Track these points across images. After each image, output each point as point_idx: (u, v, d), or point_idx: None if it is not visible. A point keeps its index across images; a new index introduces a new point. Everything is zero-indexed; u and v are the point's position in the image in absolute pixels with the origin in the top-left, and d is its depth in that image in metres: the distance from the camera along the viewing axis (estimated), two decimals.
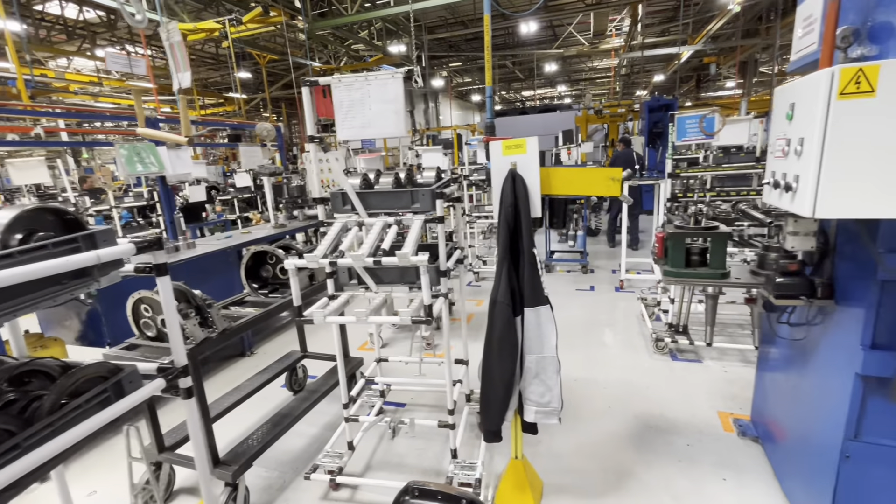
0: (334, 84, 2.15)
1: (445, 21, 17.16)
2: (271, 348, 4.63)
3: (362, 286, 2.43)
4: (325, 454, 2.64)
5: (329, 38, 15.10)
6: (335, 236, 2.18)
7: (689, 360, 3.82)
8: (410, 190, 2.27)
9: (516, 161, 2.02)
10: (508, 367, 2.08)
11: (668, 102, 9.80)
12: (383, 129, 2.16)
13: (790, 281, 1.93)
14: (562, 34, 17.45)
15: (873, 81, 1.31)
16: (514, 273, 2.05)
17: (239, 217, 7.94)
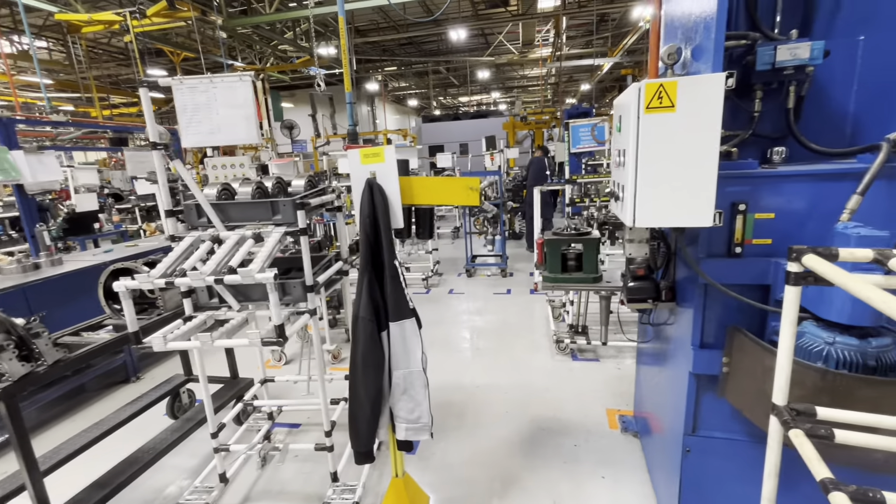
0: (175, 86, 1.96)
1: (378, 25, 16.99)
2: (161, 372, 4.24)
3: (225, 305, 2.24)
4: (193, 490, 2.42)
5: (254, 38, 14.41)
6: (182, 253, 1.99)
7: (588, 360, 3.96)
8: (270, 201, 2.13)
9: (375, 170, 1.95)
10: (374, 384, 2.00)
11: (586, 111, 10.31)
12: (233, 136, 2.01)
13: (640, 285, 2.01)
14: (493, 42, 17.87)
15: (673, 97, 1.37)
16: (376, 286, 1.98)
17: (140, 228, 7.28)
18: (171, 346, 1.85)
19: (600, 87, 22.58)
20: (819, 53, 1.68)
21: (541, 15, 13.96)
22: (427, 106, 30.83)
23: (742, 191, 1.59)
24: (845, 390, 1.29)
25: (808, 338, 1.41)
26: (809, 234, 1.58)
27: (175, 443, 2.66)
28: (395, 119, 26.45)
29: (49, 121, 5.34)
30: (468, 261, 6.78)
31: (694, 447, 1.85)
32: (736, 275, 1.64)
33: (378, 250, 1.96)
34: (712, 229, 1.58)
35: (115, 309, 2.81)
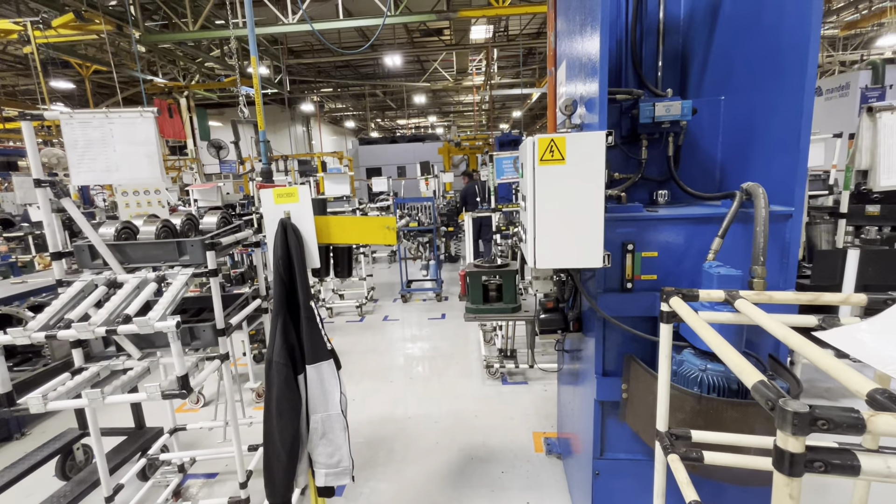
0: (65, 121, 1.82)
1: (312, 47, 16.87)
2: (53, 426, 3.75)
3: (123, 354, 2.06)
4: None
5: (178, 54, 13.68)
6: (70, 300, 1.82)
7: (517, 383, 4.08)
8: (176, 241, 2.02)
9: (290, 210, 1.92)
10: (291, 430, 1.92)
11: (515, 138, 10.85)
12: (133, 174, 1.89)
13: (550, 317, 2.13)
14: (429, 68, 18.38)
15: (563, 150, 1.51)
16: (291, 328, 1.92)
17: (34, 258, 6.49)
18: (52, 406, 1.67)
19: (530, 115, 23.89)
20: (688, 111, 1.93)
21: (472, 46, 14.63)
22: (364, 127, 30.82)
23: (630, 232, 1.76)
24: (715, 413, 1.45)
25: (687, 365, 1.58)
26: (687, 270, 1.78)
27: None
28: (332, 140, 26.12)
29: None
30: (403, 286, 6.77)
31: (603, 470, 1.96)
32: (629, 308, 1.80)
33: (293, 291, 1.92)
34: (607, 267, 1.74)
35: None
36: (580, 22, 1.97)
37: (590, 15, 1.79)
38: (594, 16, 1.70)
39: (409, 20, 9.76)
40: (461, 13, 9.47)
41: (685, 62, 2.31)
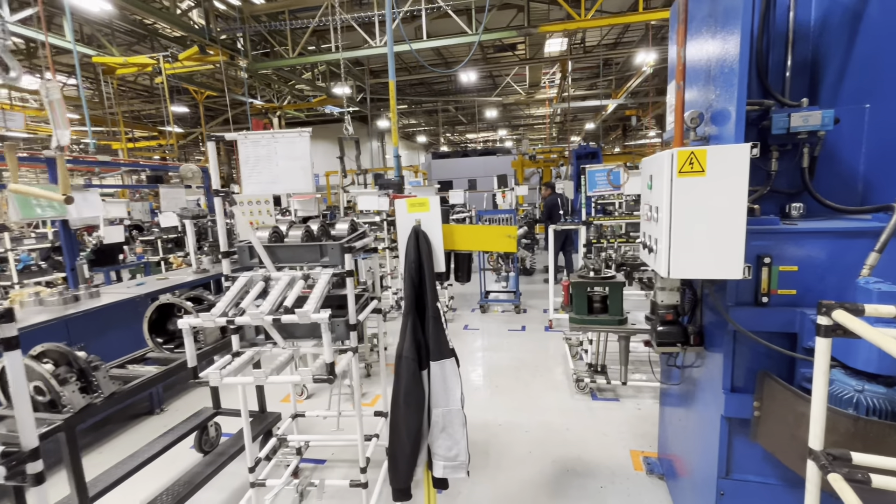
0: (240, 140, 2.16)
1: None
2: (184, 404, 4.30)
3: (270, 341, 2.36)
4: None
5: (273, 78, 15.12)
6: (237, 292, 2.13)
7: (608, 399, 3.99)
8: (319, 244, 2.28)
9: (420, 218, 2.11)
10: (415, 422, 2.08)
11: (593, 150, 10.66)
12: (291, 185, 2.19)
13: (668, 329, 2.12)
14: (501, 83, 18.63)
15: (703, 163, 1.54)
16: (419, 327, 2.09)
17: (162, 259, 7.47)
18: (226, 381, 1.96)
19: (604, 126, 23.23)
20: (829, 121, 1.86)
21: (548, 59, 14.63)
22: (435, 142, 31.72)
23: (767, 245, 1.72)
24: (877, 436, 1.38)
25: (838, 385, 1.51)
26: (832, 286, 1.70)
27: (209, 477, 2.71)
28: (404, 154, 27.17)
29: (96, 161, 5.65)
30: (482, 296, 6.87)
31: (728, 490, 1.90)
32: (763, 323, 1.75)
33: (422, 293, 2.09)
34: (740, 279, 1.71)
35: (156, 342, 2.93)
36: (709, 33, 1.98)
37: (724, 26, 1.80)
38: (730, 27, 1.72)
39: (490, 38, 10.02)
40: (541, 28, 9.57)
41: (815, 70, 2.21)
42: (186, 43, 11.28)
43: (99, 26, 10.91)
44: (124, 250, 7.10)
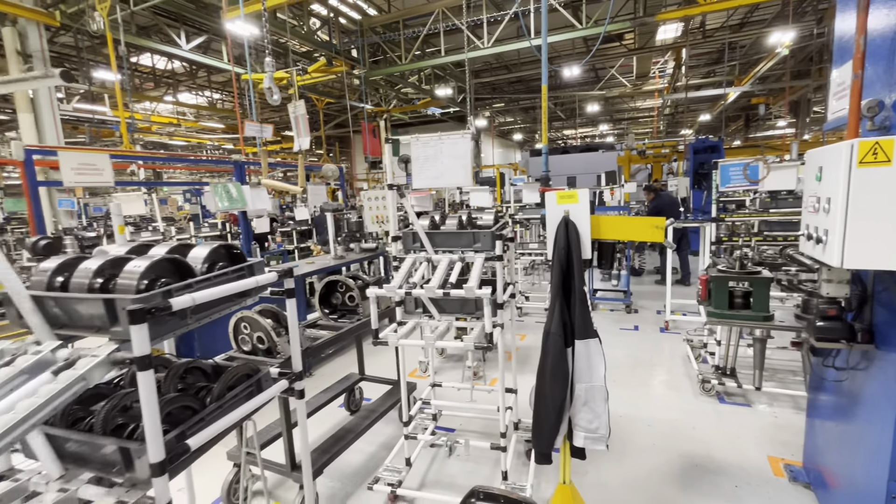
0: (413, 142, 2.55)
1: (490, 66, 18.04)
2: (327, 371, 4.99)
3: (426, 314, 2.74)
4: (386, 468, 2.89)
5: (381, 83, 16.29)
6: (408, 270, 2.53)
7: (738, 404, 3.81)
8: (473, 231, 2.60)
9: (569, 209, 2.31)
10: (560, 394, 2.29)
11: (713, 144, 9.86)
12: (453, 180, 2.53)
13: (830, 325, 2.06)
14: (604, 76, 17.91)
15: (889, 153, 1.52)
16: (565, 308, 2.30)
17: (296, 248, 8.59)
18: (402, 343, 2.36)
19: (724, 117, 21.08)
20: None
21: (660, 48, 13.76)
22: (531, 139, 31.40)
23: None
24: None
25: None
26: None
27: (366, 428, 3.20)
28: (499, 152, 27.37)
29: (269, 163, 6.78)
30: (590, 294, 6.83)
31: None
32: None
33: (569, 277, 2.29)
34: None
35: (324, 312, 3.51)
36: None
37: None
38: None
39: (598, 31, 9.78)
40: (659, 16, 9.09)
41: None
42: (313, 57, 12.69)
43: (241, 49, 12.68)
44: (269, 239, 8.32)
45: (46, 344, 1.21)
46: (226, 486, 2.72)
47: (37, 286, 1.32)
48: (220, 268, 1.47)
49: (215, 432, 1.34)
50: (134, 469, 1.21)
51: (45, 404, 1.00)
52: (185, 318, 1.27)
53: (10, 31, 8.15)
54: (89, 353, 1.16)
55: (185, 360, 1.60)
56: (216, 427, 1.35)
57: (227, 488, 2.73)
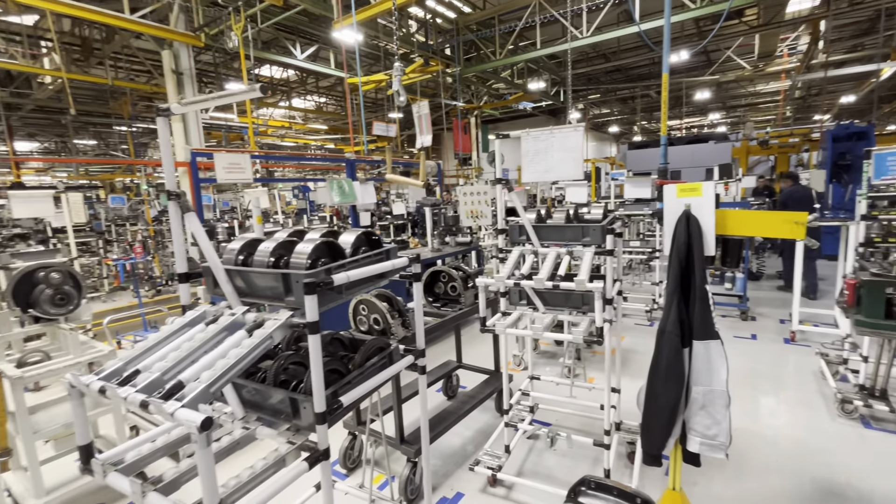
0: (524, 136, 2.61)
1: (586, 55, 17.30)
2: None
3: (530, 307, 2.78)
4: (485, 452, 3.01)
5: (472, 80, 16.47)
6: (515, 262, 2.59)
7: (889, 431, 3.29)
8: (582, 225, 2.58)
9: (690, 203, 2.19)
10: (673, 395, 2.20)
11: (860, 130, 8.44)
12: (564, 173, 2.53)
13: None
14: (717, 59, 16.19)
15: None
16: (683, 306, 2.19)
17: (392, 241, 9.12)
18: (509, 332, 2.44)
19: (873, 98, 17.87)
20: None
21: (791, 22, 12.08)
22: (628, 131, 29.53)
23: None
24: None
25: None
26: None
27: (465, 413, 3.35)
28: (594, 146, 26.14)
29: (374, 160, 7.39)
30: None
31: None
32: None
33: (688, 274, 2.18)
34: None
35: (428, 300, 3.72)
36: None
37: None
38: None
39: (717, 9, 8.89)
40: None
41: None
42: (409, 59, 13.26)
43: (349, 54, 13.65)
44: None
45: (237, 308, 1.49)
46: (342, 451, 3.05)
47: (227, 262, 1.63)
48: (362, 251, 1.68)
49: (359, 394, 1.54)
50: (300, 417, 1.45)
51: (248, 354, 1.24)
52: (340, 293, 1.48)
53: (168, 54, 9.72)
54: (271, 317, 1.41)
55: (329, 332, 1.85)
56: (360, 390, 1.55)
57: (343, 453, 3.06)
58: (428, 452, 2.07)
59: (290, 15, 9.98)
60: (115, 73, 12.33)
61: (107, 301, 9.01)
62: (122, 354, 1.37)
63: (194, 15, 9.36)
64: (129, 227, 11.02)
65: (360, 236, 1.69)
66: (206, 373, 1.18)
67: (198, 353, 1.34)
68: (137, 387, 1.19)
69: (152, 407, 1.09)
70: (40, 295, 2.94)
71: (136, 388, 1.19)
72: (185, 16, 9.41)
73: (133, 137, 18.16)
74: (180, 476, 1.31)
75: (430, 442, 3.00)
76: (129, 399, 1.15)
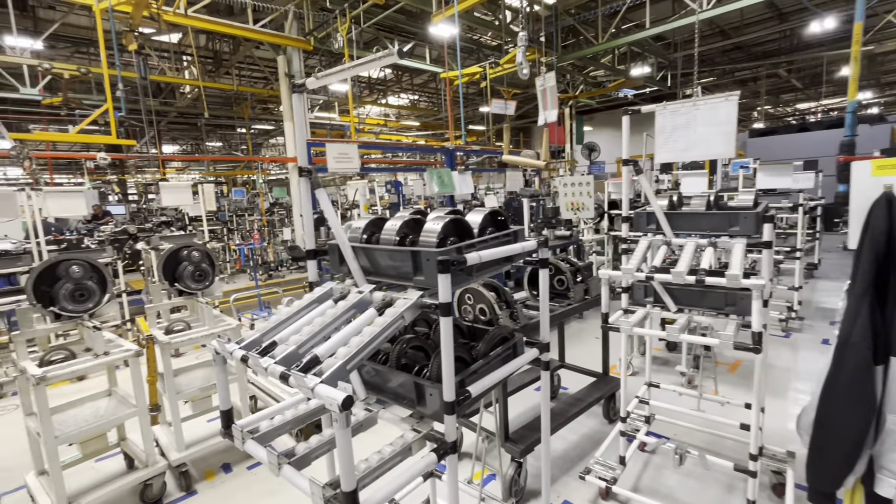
0: (658, 111, 2.29)
1: (701, 33, 15.54)
2: None
3: (657, 304, 2.46)
4: (597, 461, 2.74)
5: (568, 69, 15.68)
6: (643, 253, 2.30)
7: None
8: (730, 213, 2.20)
9: (892, 183, 1.73)
10: (856, 423, 1.77)
11: None
12: (710, 151, 2.17)
13: None
14: (874, 25, 13.54)
15: None
16: (877, 312, 1.75)
17: None
18: (636, 332, 2.16)
19: None
20: None
21: None
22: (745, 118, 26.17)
23: None
24: None
25: None
26: None
27: (573, 416, 3.11)
28: None
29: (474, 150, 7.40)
30: None
31: None
32: None
33: (887, 271, 1.73)
34: None
35: (532, 293, 3.52)
36: None
37: None
38: None
39: None
40: None
41: None
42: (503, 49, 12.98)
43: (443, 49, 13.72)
44: None
45: (364, 287, 1.45)
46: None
47: (352, 241, 1.60)
48: (489, 232, 1.55)
49: (486, 386, 1.41)
50: (425, 404, 1.36)
51: (381, 332, 1.18)
52: (470, 274, 1.37)
53: (282, 59, 10.62)
54: (399, 296, 1.34)
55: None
56: (487, 381, 1.42)
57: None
58: (548, 456, 1.89)
59: (390, 14, 10.29)
60: (239, 81, 13.81)
61: (228, 282, 10.13)
62: (258, 326, 1.40)
63: (306, 21, 10.07)
64: (247, 217, 12.30)
65: (486, 216, 1.57)
66: (342, 349, 1.14)
67: (329, 328, 1.31)
68: (276, 358, 1.18)
69: (293, 380, 1.06)
70: (183, 271, 3.29)
71: (274, 359, 1.19)
72: (297, 22, 10.18)
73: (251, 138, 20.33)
74: (310, 452, 1.30)
75: (539, 441, 2.82)
76: (269, 369, 1.14)
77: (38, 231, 4.75)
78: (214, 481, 3.06)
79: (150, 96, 12.69)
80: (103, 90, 7.45)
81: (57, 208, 5.01)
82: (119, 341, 2.83)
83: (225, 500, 2.87)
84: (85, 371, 2.59)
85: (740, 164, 6.26)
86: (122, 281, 6.09)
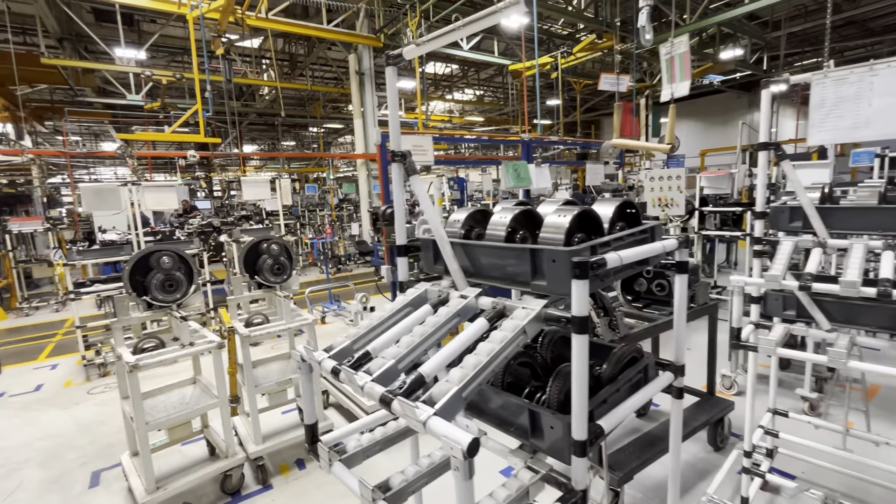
0: (816, 80, 1.84)
1: (804, 9, 13.82)
2: None
3: (802, 319, 2.01)
4: (710, 500, 2.34)
5: (646, 55, 14.56)
6: (788, 256, 1.87)
7: None
8: None
9: None
10: None
11: None
12: (888, 128, 1.70)
13: None
14: None
15: None
16: None
17: None
18: (780, 354, 1.75)
19: None
20: None
21: None
22: None
23: None
24: None
25: None
26: None
27: None
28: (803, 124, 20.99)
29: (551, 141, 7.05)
30: None
31: None
32: None
33: None
34: None
35: (626, 299, 3.14)
36: None
37: None
38: None
39: None
40: None
41: None
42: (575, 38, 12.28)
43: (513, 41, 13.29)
44: None
45: (467, 291, 1.23)
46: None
47: (450, 237, 1.38)
48: (619, 228, 1.27)
49: (619, 419, 1.13)
50: (541, 437, 1.11)
51: (501, 351, 0.94)
52: (604, 279, 1.10)
53: (353, 57, 10.82)
54: (514, 304, 1.10)
55: (553, 328, 1.49)
56: (619, 412, 1.15)
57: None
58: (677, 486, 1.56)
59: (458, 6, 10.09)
60: (312, 81, 14.35)
61: (300, 275, 10.53)
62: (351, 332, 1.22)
63: (376, 19, 10.16)
64: (318, 212, 12.76)
65: (618, 208, 1.28)
66: (455, 371, 0.92)
67: (430, 340, 1.10)
68: (373, 374, 0.99)
69: (397, 406, 0.86)
70: (263, 264, 3.30)
71: (371, 374, 0.99)
72: (368, 20, 10.31)
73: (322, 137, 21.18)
74: (407, 486, 1.10)
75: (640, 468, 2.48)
76: (366, 388, 0.95)
77: (137, 223, 5.10)
78: (288, 477, 3.03)
79: (233, 98, 13.53)
80: (194, 94, 7.99)
81: (152, 202, 5.36)
82: (203, 332, 2.87)
83: (300, 499, 2.82)
84: (172, 360, 2.64)
85: (875, 153, 5.29)
86: (206, 271, 6.46)
